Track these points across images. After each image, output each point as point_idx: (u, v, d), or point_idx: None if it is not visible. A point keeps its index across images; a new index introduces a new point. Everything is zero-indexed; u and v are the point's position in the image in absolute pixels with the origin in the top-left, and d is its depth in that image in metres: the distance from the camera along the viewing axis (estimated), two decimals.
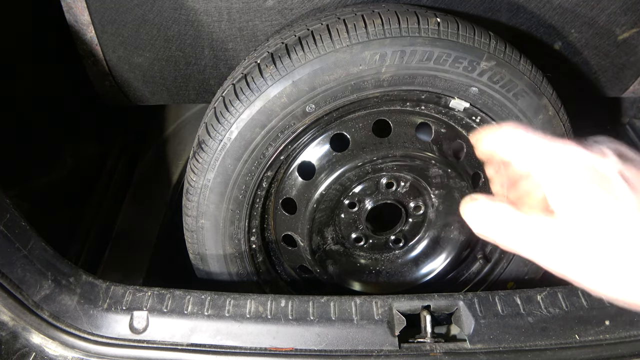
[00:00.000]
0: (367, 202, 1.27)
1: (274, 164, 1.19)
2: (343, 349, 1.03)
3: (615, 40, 1.37)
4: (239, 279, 1.30)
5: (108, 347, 1.01)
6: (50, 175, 1.47)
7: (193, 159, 1.17)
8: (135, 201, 1.72)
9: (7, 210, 1.00)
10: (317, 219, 1.24)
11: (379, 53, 1.06)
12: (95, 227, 1.57)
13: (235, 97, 1.09)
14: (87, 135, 1.68)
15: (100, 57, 1.40)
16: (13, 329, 0.99)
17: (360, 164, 1.18)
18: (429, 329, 1.07)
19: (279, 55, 1.08)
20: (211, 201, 1.17)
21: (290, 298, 1.09)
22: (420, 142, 1.22)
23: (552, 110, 1.19)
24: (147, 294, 1.08)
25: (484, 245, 1.45)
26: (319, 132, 1.20)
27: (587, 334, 1.06)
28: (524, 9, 1.28)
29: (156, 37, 1.34)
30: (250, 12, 1.27)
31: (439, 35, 1.08)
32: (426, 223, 1.35)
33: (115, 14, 1.30)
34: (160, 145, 1.88)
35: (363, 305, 1.09)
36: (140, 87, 1.48)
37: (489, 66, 1.10)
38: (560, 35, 1.35)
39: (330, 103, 1.11)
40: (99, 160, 1.71)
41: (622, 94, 1.55)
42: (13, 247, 0.99)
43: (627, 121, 1.95)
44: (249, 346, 1.03)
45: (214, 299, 1.08)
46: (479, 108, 1.17)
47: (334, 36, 1.06)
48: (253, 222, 1.26)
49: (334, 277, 1.36)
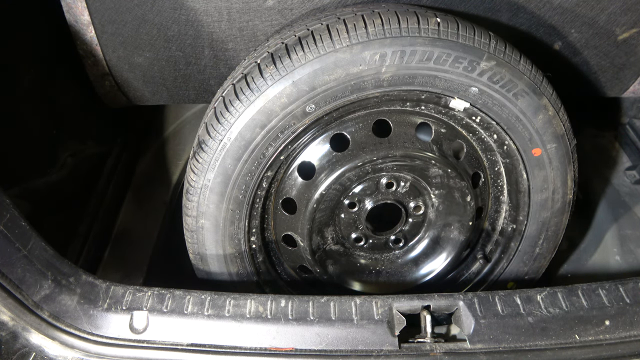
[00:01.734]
0: (367, 202, 1.27)
1: (274, 164, 1.19)
2: (343, 349, 1.03)
3: (615, 40, 1.37)
4: (239, 279, 1.30)
5: (108, 347, 1.01)
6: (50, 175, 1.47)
7: (193, 159, 1.17)
8: (135, 201, 1.72)
9: (7, 210, 1.00)
10: (317, 219, 1.24)
11: (379, 53, 1.06)
12: (95, 227, 1.57)
13: (235, 97, 1.09)
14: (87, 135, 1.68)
15: (100, 57, 1.40)
16: (13, 329, 0.99)
17: (360, 164, 1.18)
18: (429, 329, 1.06)
19: (279, 55, 1.08)
20: (211, 201, 1.17)
21: (290, 298, 1.09)
22: (420, 142, 1.22)
23: (552, 110, 1.19)
24: (147, 294, 1.08)
25: (484, 245, 1.45)
26: (319, 132, 1.20)
27: (587, 334, 1.06)
28: (524, 9, 1.28)
29: (156, 37, 1.34)
30: (250, 12, 1.27)
31: (439, 35, 1.08)
32: (426, 223, 1.35)
33: (115, 14, 1.30)
34: (160, 145, 1.88)
35: (363, 305, 1.08)
36: (140, 87, 1.48)
37: (489, 66, 1.10)
38: (560, 35, 1.35)
39: (330, 103, 1.11)
40: (99, 160, 1.71)
41: (622, 94, 1.55)
42: (13, 247, 0.99)
43: (627, 121, 1.96)
44: (249, 346, 1.03)
45: (214, 299, 1.08)
46: (479, 108, 1.17)
47: (334, 36, 1.06)
48: (253, 222, 1.26)
49: (334, 277, 1.36)
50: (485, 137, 1.26)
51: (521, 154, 1.24)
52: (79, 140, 1.63)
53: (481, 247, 1.45)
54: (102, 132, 1.78)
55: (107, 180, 1.69)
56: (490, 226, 1.43)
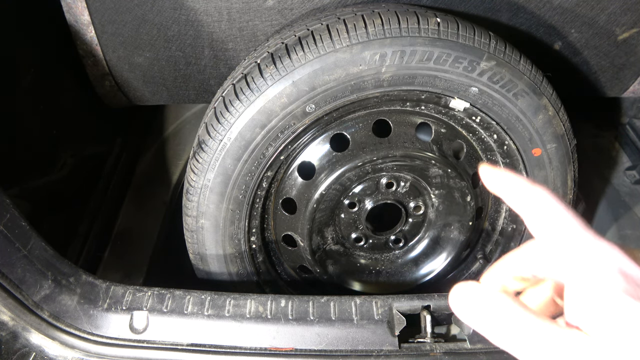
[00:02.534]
0: (367, 202, 1.27)
1: (274, 164, 1.19)
2: (343, 349, 1.03)
3: (615, 40, 1.37)
4: (239, 279, 1.30)
5: (108, 347, 1.01)
6: (50, 175, 1.47)
7: (193, 159, 1.17)
8: (135, 201, 1.72)
9: (7, 210, 1.00)
10: (317, 219, 1.24)
11: (379, 53, 1.06)
12: (95, 227, 1.57)
13: (235, 97, 1.09)
14: (87, 135, 1.68)
15: (100, 57, 1.40)
16: (13, 329, 0.99)
17: (360, 164, 1.18)
18: (429, 329, 1.07)
19: (279, 55, 1.08)
20: (211, 201, 1.17)
21: (290, 298, 1.09)
22: (420, 142, 1.22)
23: (552, 110, 1.19)
24: (147, 294, 1.08)
25: (484, 245, 1.45)
26: (319, 132, 1.20)
27: None
28: (524, 9, 1.28)
29: (156, 37, 1.34)
30: (250, 12, 1.27)
31: (439, 35, 1.08)
32: (426, 223, 1.35)
33: (115, 14, 1.30)
34: (160, 145, 1.88)
35: (363, 305, 1.08)
36: (140, 87, 1.48)
37: (489, 66, 1.10)
38: (560, 35, 1.35)
39: (330, 103, 1.11)
40: (99, 160, 1.71)
41: (622, 94, 1.55)
42: (13, 247, 0.99)
43: (627, 121, 1.96)
44: (249, 346, 1.03)
45: (214, 299, 1.08)
46: (479, 108, 1.17)
47: (334, 36, 1.06)
48: (253, 222, 1.26)
49: (334, 277, 1.36)
50: (485, 137, 1.26)
51: (521, 154, 1.24)
52: (79, 140, 1.63)
53: (481, 247, 1.45)
54: (102, 132, 1.78)
55: (107, 180, 1.69)
56: (490, 226, 1.43)
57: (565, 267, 0.49)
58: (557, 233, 0.50)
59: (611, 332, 0.44)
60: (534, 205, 0.52)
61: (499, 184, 0.55)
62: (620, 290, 0.45)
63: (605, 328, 0.44)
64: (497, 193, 0.56)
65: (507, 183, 0.54)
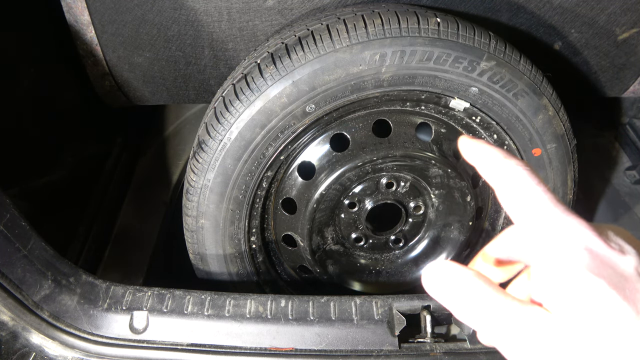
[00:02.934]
0: (367, 202, 1.27)
1: (274, 164, 1.19)
2: (343, 349, 1.03)
3: (615, 40, 1.37)
4: (239, 279, 1.30)
5: (108, 347, 1.01)
6: (50, 175, 1.47)
7: (193, 159, 1.17)
8: (135, 201, 1.72)
9: (7, 210, 1.00)
10: (317, 219, 1.24)
11: (379, 53, 1.06)
12: (95, 227, 1.57)
13: (235, 97, 1.09)
14: (87, 135, 1.68)
15: (100, 57, 1.40)
16: (13, 329, 0.99)
17: (360, 164, 1.18)
18: (429, 329, 1.07)
19: (279, 55, 1.08)
20: (211, 201, 1.17)
21: (290, 298, 1.09)
22: (420, 142, 1.22)
23: (552, 110, 1.19)
24: (147, 294, 1.08)
25: (484, 246, 1.45)
26: (319, 132, 1.20)
27: None
28: (524, 9, 1.28)
29: (156, 37, 1.34)
30: (250, 12, 1.27)
31: (439, 35, 1.08)
32: (426, 223, 1.35)
33: (115, 14, 1.30)
34: (160, 145, 1.88)
35: (363, 305, 1.08)
36: (140, 87, 1.48)
37: (489, 66, 1.10)
38: (560, 35, 1.35)
39: (330, 103, 1.11)
40: (99, 160, 1.71)
41: (622, 94, 1.55)
42: (13, 247, 0.99)
43: (627, 121, 1.96)
44: (249, 346, 1.03)
45: (214, 299, 1.08)
46: (479, 108, 1.17)
47: (334, 36, 1.06)
48: (253, 222, 1.26)
49: (334, 277, 1.36)
50: (485, 137, 1.26)
51: (521, 154, 1.24)
52: (79, 140, 1.63)
53: (481, 247, 1.45)
54: (102, 132, 1.78)
55: (107, 180, 1.69)
56: (490, 226, 1.43)
57: (532, 245, 0.48)
58: (526, 208, 0.49)
59: (571, 309, 0.43)
60: (506, 178, 0.51)
61: (475, 154, 0.54)
62: (583, 267, 0.44)
63: (565, 305, 0.44)
64: (472, 163, 0.55)
65: (483, 154, 0.53)
